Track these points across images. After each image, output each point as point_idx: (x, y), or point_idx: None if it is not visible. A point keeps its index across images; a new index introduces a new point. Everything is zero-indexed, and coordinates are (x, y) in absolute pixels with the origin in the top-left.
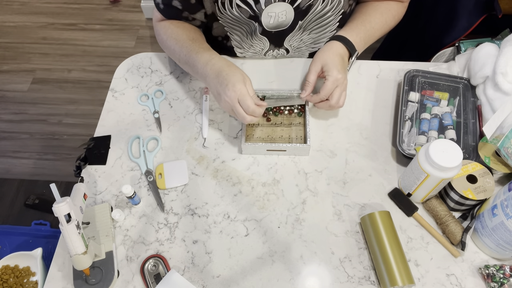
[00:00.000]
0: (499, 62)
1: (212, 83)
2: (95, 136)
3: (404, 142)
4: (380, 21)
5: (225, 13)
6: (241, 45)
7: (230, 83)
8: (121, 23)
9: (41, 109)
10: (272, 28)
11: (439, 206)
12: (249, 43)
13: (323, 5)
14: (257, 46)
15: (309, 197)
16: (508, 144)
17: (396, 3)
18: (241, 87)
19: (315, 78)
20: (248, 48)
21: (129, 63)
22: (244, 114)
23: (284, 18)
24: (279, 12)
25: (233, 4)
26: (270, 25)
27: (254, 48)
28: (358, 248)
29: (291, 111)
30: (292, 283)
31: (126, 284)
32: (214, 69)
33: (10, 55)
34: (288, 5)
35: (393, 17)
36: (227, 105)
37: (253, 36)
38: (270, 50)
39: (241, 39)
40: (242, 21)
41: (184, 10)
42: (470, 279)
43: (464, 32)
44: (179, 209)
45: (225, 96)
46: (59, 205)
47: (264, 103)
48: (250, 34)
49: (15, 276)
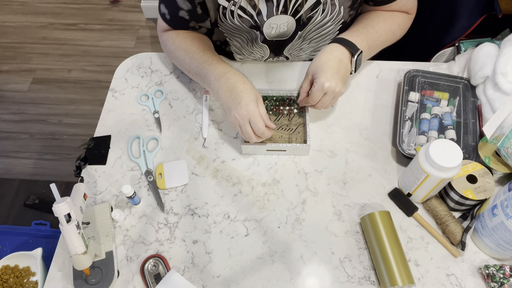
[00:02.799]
0: (499, 62)
1: (224, 97)
2: (95, 136)
3: (404, 142)
4: (384, 27)
5: (226, 22)
6: (241, 51)
7: (243, 101)
8: (121, 23)
9: (41, 109)
10: (273, 38)
11: (439, 206)
12: (250, 50)
13: (323, 16)
14: (257, 53)
15: (309, 197)
16: (508, 144)
17: (401, 13)
18: (254, 107)
19: (306, 86)
20: (248, 55)
21: (129, 63)
22: (252, 135)
23: (285, 28)
24: (280, 24)
25: (235, 14)
26: (272, 35)
27: (254, 55)
28: (358, 248)
29: (290, 111)
30: (292, 283)
31: (126, 284)
32: (228, 84)
33: (10, 55)
34: (290, 17)
35: (398, 25)
36: (235, 122)
37: (253, 43)
38: (270, 58)
39: (241, 45)
40: (243, 29)
41: (191, 20)
42: (470, 279)
43: (464, 32)
44: (179, 209)
45: (236, 113)
46: (59, 205)
47: (273, 125)
48: (251, 42)
49: (15, 276)
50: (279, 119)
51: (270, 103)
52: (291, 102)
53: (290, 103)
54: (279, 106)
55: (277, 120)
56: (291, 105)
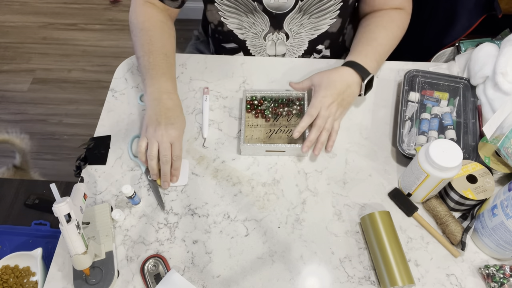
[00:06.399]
0: (499, 62)
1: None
2: (95, 136)
3: (404, 142)
4: (386, 35)
5: None
6: (241, 25)
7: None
8: (121, 23)
9: (41, 109)
10: (273, 9)
11: (439, 206)
12: (251, 21)
13: None
14: (258, 25)
15: (309, 197)
16: (508, 144)
17: (397, 11)
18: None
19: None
20: (250, 27)
21: (129, 63)
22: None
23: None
24: None
25: None
26: (271, 4)
27: (255, 28)
28: (358, 248)
29: (289, 112)
30: (292, 283)
31: (126, 284)
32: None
33: (10, 55)
34: None
35: (398, 27)
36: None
37: (254, 13)
38: (270, 33)
39: (240, 20)
40: (240, 1)
41: None
42: (470, 279)
43: (464, 32)
44: (179, 209)
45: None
46: (59, 205)
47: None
48: (251, 13)
49: (15, 276)
50: (278, 119)
51: (269, 104)
52: (290, 103)
53: (289, 104)
54: (277, 107)
55: (275, 121)
56: (290, 106)
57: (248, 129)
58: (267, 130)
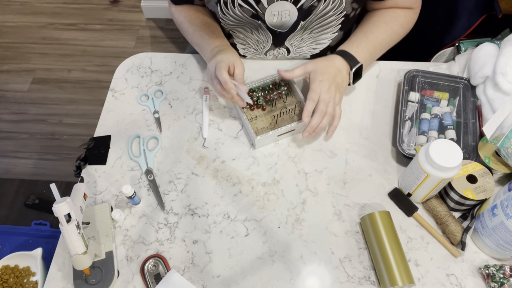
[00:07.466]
0: (499, 62)
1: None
2: (95, 136)
3: (404, 142)
4: (385, 30)
5: (227, 13)
6: (245, 41)
7: (219, 56)
8: (121, 23)
9: (41, 109)
10: (275, 27)
11: (439, 206)
12: (255, 38)
13: (325, 5)
14: (261, 42)
15: (309, 197)
16: (508, 144)
17: (403, 10)
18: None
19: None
20: (253, 44)
21: (129, 63)
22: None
23: (288, 18)
24: (281, 11)
25: (235, 4)
26: (274, 23)
27: (258, 44)
28: (358, 248)
29: (280, 94)
30: (292, 283)
31: (126, 284)
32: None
33: (10, 55)
34: (291, 5)
35: (400, 24)
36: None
37: (258, 30)
38: (271, 50)
39: (245, 35)
40: (245, 20)
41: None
42: (470, 279)
43: (464, 32)
44: (179, 209)
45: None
46: (59, 205)
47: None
48: (256, 29)
49: (15, 276)
50: (275, 104)
51: (259, 93)
52: (277, 86)
53: (276, 87)
54: (268, 94)
55: (273, 106)
56: (278, 88)
57: (251, 122)
58: (271, 117)
